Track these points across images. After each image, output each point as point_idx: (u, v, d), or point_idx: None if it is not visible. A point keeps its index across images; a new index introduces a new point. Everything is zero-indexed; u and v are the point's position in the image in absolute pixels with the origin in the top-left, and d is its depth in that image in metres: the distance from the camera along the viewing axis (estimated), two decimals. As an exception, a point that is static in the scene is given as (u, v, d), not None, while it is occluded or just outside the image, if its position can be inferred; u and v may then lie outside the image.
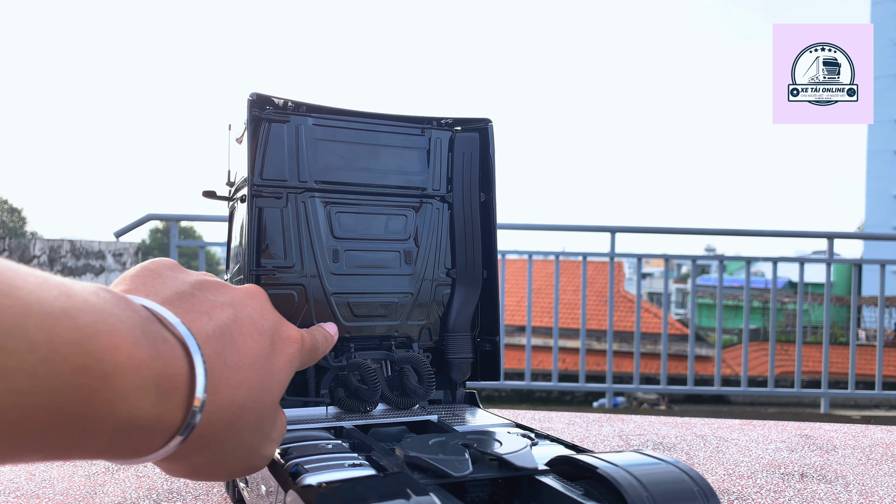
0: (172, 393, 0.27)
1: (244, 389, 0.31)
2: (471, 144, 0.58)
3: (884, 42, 17.69)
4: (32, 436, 0.23)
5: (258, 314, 0.34)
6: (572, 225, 3.44)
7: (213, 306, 0.32)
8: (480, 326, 0.59)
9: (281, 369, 0.34)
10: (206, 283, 0.34)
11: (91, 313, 0.24)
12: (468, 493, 0.35)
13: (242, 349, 0.32)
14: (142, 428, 0.26)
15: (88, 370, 0.24)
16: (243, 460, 0.34)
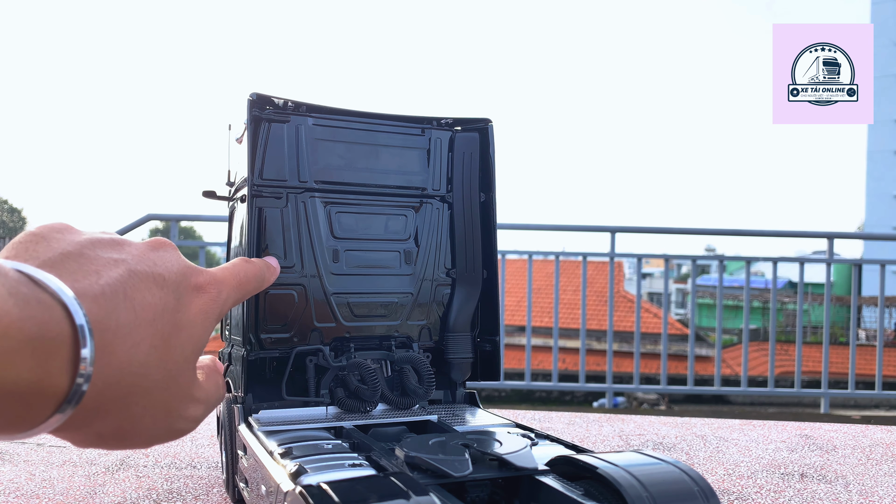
0: (52, 357, 0.25)
1: (144, 348, 0.29)
2: (471, 144, 0.58)
3: (884, 42, 17.68)
4: None
5: (160, 266, 0.32)
6: (572, 225, 3.43)
7: (105, 264, 0.30)
8: (480, 326, 0.59)
9: (192, 322, 0.32)
10: (98, 240, 0.31)
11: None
12: (468, 493, 0.35)
13: (139, 306, 0.30)
14: (20, 395, 0.25)
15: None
16: (161, 424, 0.32)
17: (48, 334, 0.25)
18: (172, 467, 0.64)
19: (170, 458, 0.67)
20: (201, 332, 0.33)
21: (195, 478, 0.61)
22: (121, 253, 0.31)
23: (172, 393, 0.31)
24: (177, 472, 0.63)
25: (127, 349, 0.28)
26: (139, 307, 0.30)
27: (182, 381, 0.32)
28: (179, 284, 0.32)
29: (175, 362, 0.31)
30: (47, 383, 0.25)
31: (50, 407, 0.26)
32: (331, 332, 0.54)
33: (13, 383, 0.24)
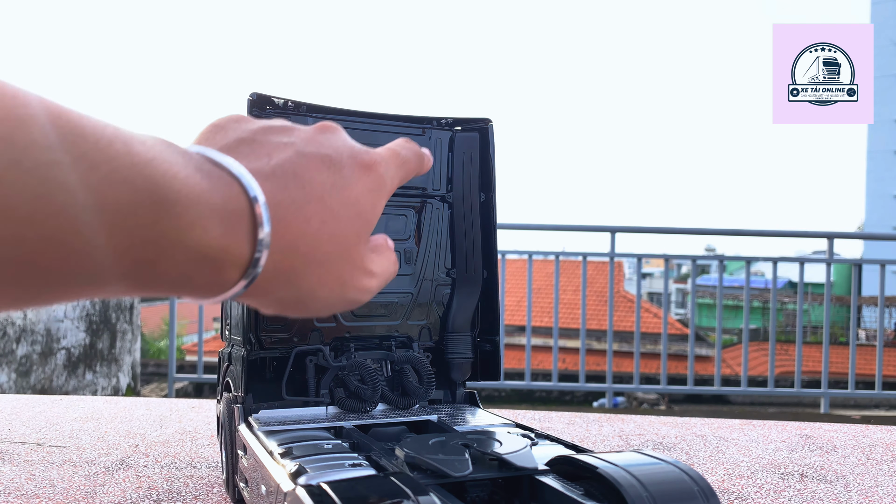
0: (236, 227, 0.28)
1: (315, 223, 0.32)
2: (471, 144, 0.57)
3: (884, 42, 17.67)
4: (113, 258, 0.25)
5: (326, 146, 0.34)
6: (572, 225, 3.44)
7: (276, 147, 0.33)
8: (480, 326, 0.59)
9: (360, 200, 0.34)
10: (269, 127, 0.34)
11: (143, 144, 0.26)
12: (468, 493, 0.35)
13: (308, 183, 0.32)
14: (212, 260, 0.28)
15: (150, 194, 0.25)
16: (336, 294, 0.34)
17: (231, 206, 0.28)
18: (172, 467, 0.64)
19: (170, 458, 0.67)
20: (370, 209, 0.35)
21: (195, 478, 0.61)
22: (290, 137, 0.34)
23: (345, 265, 0.34)
24: (177, 472, 0.63)
25: (299, 223, 0.31)
26: (308, 185, 0.32)
27: (354, 254, 0.34)
28: (346, 164, 0.34)
29: (346, 237, 0.33)
30: (233, 251, 0.28)
31: (237, 273, 0.29)
32: (331, 331, 0.54)
33: (207, 247, 0.27)
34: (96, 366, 3.22)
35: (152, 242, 0.26)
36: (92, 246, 0.24)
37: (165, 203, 0.26)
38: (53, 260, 0.23)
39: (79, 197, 0.23)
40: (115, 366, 3.39)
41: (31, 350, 2.74)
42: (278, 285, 0.31)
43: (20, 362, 2.68)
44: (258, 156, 0.32)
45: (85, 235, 0.23)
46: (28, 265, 0.23)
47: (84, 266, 0.24)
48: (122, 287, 0.27)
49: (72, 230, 0.23)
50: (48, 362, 2.85)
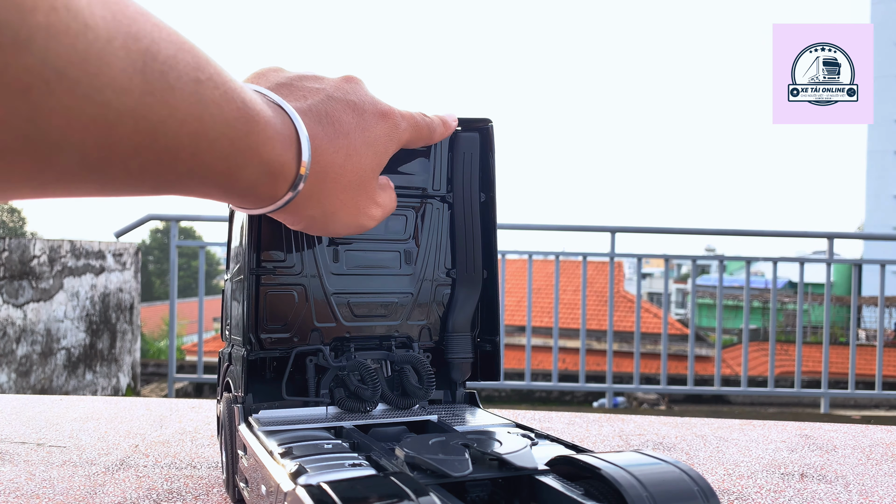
0: (290, 149, 0.34)
1: (341, 155, 0.37)
2: (471, 144, 0.57)
3: (884, 42, 17.69)
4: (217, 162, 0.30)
5: (352, 94, 0.39)
6: (572, 225, 3.44)
7: (309, 91, 0.38)
8: (480, 326, 0.59)
9: (376, 141, 0.40)
10: (303, 75, 0.40)
11: (231, 75, 0.31)
12: (468, 493, 0.35)
13: (336, 122, 0.37)
14: (273, 174, 0.33)
15: (245, 113, 0.30)
16: (352, 216, 0.40)
17: (286, 132, 0.34)
18: (172, 467, 0.64)
19: (170, 458, 0.67)
20: (384, 150, 0.40)
21: (195, 478, 0.61)
22: (321, 84, 0.39)
23: (361, 194, 0.40)
24: (177, 472, 0.63)
25: (329, 154, 0.37)
26: (337, 123, 0.37)
27: (368, 186, 0.40)
28: (367, 111, 0.40)
29: (363, 169, 0.39)
30: (287, 168, 0.34)
31: (285, 187, 0.35)
32: (331, 332, 0.54)
33: (272, 162, 0.33)
34: (96, 366, 3.22)
35: (241, 152, 0.31)
36: (211, 147, 0.29)
37: (255, 122, 0.31)
38: (186, 155, 0.28)
39: (211, 108, 0.28)
40: (115, 366, 3.38)
41: (31, 350, 2.74)
42: (310, 204, 0.37)
43: (20, 362, 2.68)
44: (296, 97, 0.37)
45: (210, 137, 0.28)
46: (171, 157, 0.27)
47: (201, 161, 0.29)
48: (212, 188, 0.31)
49: (204, 133, 0.28)
50: (48, 362, 2.85)
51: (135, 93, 0.24)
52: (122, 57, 0.24)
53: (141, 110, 0.25)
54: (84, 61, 0.22)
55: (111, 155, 0.25)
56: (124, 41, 0.24)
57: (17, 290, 2.64)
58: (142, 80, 0.25)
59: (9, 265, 2.59)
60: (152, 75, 0.25)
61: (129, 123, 0.25)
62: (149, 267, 28.29)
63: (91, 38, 0.22)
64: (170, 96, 0.26)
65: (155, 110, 0.25)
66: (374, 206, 0.42)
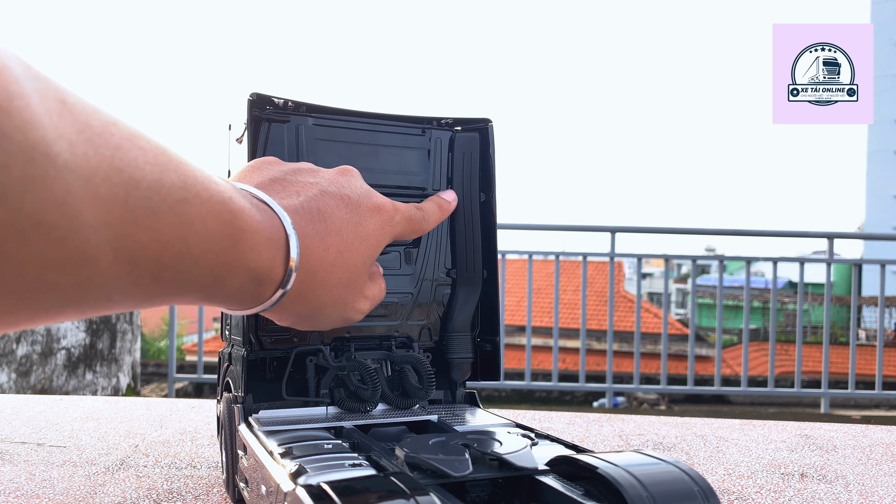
0: (278, 252, 0.34)
1: (332, 252, 0.37)
2: (471, 144, 0.57)
3: (884, 42, 17.68)
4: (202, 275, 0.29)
5: (346, 188, 0.40)
6: (572, 225, 3.44)
7: (304, 186, 0.38)
8: (480, 326, 0.58)
9: (370, 235, 0.40)
10: (299, 169, 0.40)
11: (220, 184, 0.30)
12: (468, 493, 0.35)
13: (329, 219, 0.37)
14: (259, 279, 0.33)
15: (232, 225, 0.30)
16: (340, 312, 0.40)
17: (275, 235, 0.33)
18: (172, 467, 0.64)
19: (170, 458, 0.67)
20: (376, 244, 0.40)
21: (195, 478, 0.61)
22: (315, 178, 0.39)
23: (350, 290, 0.39)
24: (177, 472, 0.63)
25: (319, 252, 0.36)
26: (329, 220, 0.37)
27: (358, 281, 0.40)
28: (361, 204, 0.40)
29: (355, 266, 0.39)
30: (274, 272, 0.34)
31: (272, 290, 0.34)
32: (330, 332, 0.53)
33: (259, 268, 0.33)
34: (96, 366, 3.22)
35: (226, 264, 0.30)
36: (195, 264, 0.29)
37: (241, 231, 0.31)
38: (169, 275, 0.28)
39: (196, 226, 0.28)
40: (115, 366, 3.38)
41: (31, 350, 2.73)
42: (297, 302, 0.36)
43: (20, 362, 2.68)
44: (289, 193, 0.37)
45: (194, 254, 0.28)
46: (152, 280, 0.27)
47: (185, 279, 0.29)
48: (196, 298, 0.31)
49: (188, 252, 0.28)
50: (48, 362, 2.85)
51: (115, 225, 0.24)
52: (102, 192, 0.23)
53: (122, 241, 0.25)
54: (62, 205, 0.22)
55: (88, 287, 0.24)
56: (106, 174, 0.23)
57: (17, 290, 2.63)
58: (123, 210, 0.24)
59: (9, 265, 2.58)
60: (135, 203, 0.25)
61: (108, 256, 0.24)
62: (149, 267, 28.19)
63: (70, 180, 0.22)
64: (153, 221, 0.26)
65: (136, 238, 0.25)
66: (362, 299, 0.41)
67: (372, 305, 0.43)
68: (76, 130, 0.23)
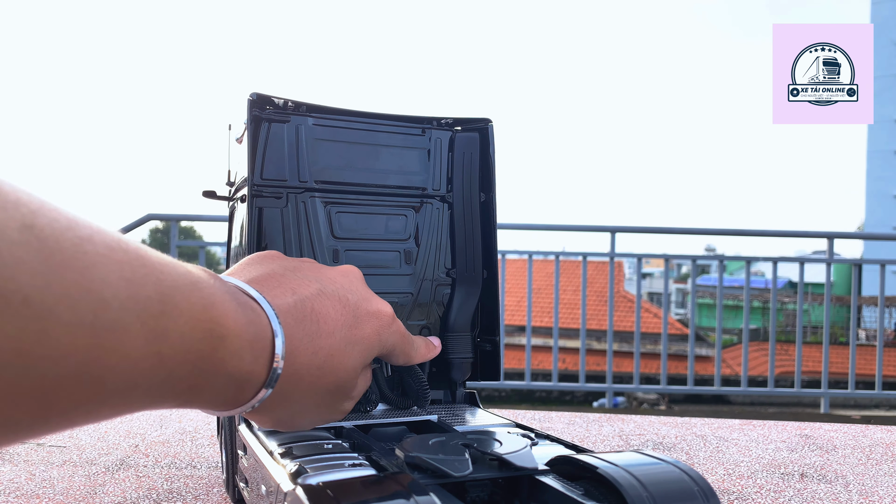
0: (261, 354, 0.32)
1: (322, 355, 0.35)
2: (471, 144, 0.57)
3: (884, 42, 17.68)
4: (177, 384, 0.28)
5: (345, 290, 0.38)
6: (572, 225, 3.44)
7: (300, 284, 0.36)
8: (480, 326, 0.58)
9: (365, 339, 0.38)
10: (299, 266, 0.39)
11: (206, 287, 0.30)
12: (468, 493, 0.35)
13: (323, 320, 0.36)
14: (240, 382, 0.32)
15: (212, 332, 0.29)
16: (322, 414, 0.38)
17: (260, 336, 0.32)
18: (172, 467, 0.64)
19: (170, 458, 0.67)
20: (369, 349, 0.38)
21: (195, 478, 0.61)
22: (315, 275, 0.38)
23: (337, 394, 0.37)
24: (177, 472, 0.63)
25: (307, 356, 0.34)
26: (322, 321, 0.36)
27: (348, 385, 0.37)
28: (359, 307, 0.38)
29: (345, 370, 0.37)
30: (256, 374, 0.32)
31: (253, 391, 0.33)
32: None
33: (240, 372, 0.31)
34: (96, 366, 3.21)
35: (204, 371, 0.29)
36: (170, 375, 0.28)
37: (222, 339, 0.30)
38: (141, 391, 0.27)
39: (173, 339, 0.27)
40: (115, 366, 3.38)
41: (31, 350, 2.73)
42: (279, 405, 0.35)
43: (20, 362, 2.67)
44: (283, 291, 0.35)
45: (169, 367, 0.27)
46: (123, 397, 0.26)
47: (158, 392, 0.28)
48: (171, 405, 0.30)
49: (162, 365, 0.27)
50: (48, 362, 2.84)
51: (79, 353, 0.23)
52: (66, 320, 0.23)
53: (88, 367, 0.24)
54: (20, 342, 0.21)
55: (47, 414, 0.24)
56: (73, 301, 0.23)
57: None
58: (90, 335, 0.23)
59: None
60: (102, 325, 0.24)
61: (69, 386, 0.23)
62: (149, 267, 28.18)
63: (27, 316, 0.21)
64: (123, 342, 0.25)
65: (104, 361, 0.24)
66: (347, 401, 0.39)
67: (354, 403, 0.41)
68: (41, 259, 0.22)
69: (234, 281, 0.34)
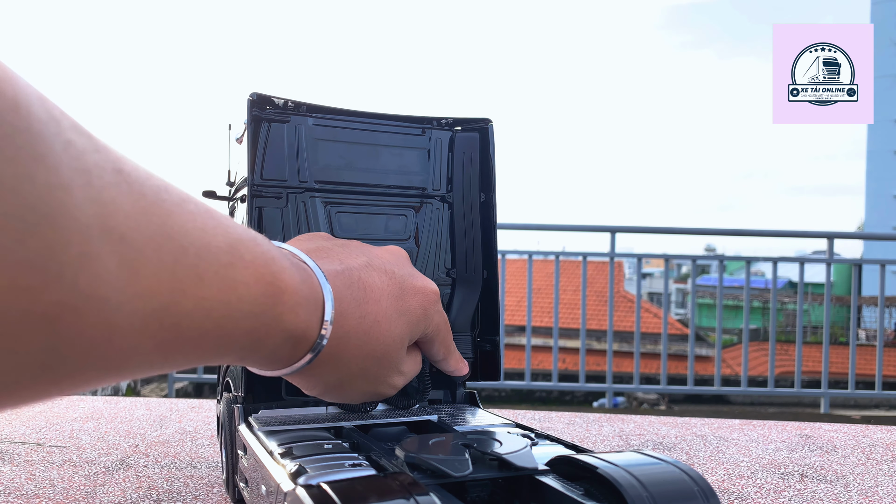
0: (314, 313, 0.33)
1: (368, 321, 0.37)
2: (471, 144, 0.57)
3: (884, 42, 17.68)
4: (241, 337, 0.29)
5: (391, 263, 0.40)
6: (572, 225, 3.44)
7: (348, 256, 0.38)
8: (480, 326, 0.58)
9: (410, 311, 0.39)
10: (348, 243, 0.40)
11: (265, 243, 0.31)
12: (468, 493, 0.35)
13: (368, 288, 0.37)
14: (295, 339, 0.33)
15: (272, 286, 0.30)
16: (371, 384, 0.39)
17: (312, 295, 0.33)
18: (172, 467, 0.64)
19: (170, 458, 0.67)
20: (416, 321, 0.40)
21: (195, 478, 0.61)
22: (362, 252, 0.40)
23: (384, 363, 0.38)
24: (177, 472, 0.63)
25: (355, 319, 0.36)
26: (368, 290, 0.37)
27: (393, 355, 0.39)
28: (405, 281, 0.39)
29: (392, 338, 0.38)
30: (310, 332, 0.33)
31: (304, 350, 0.34)
32: None
33: (295, 328, 0.32)
34: (96, 366, 3.21)
35: (265, 325, 0.30)
36: (235, 326, 0.29)
37: (281, 292, 0.31)
38: (210, 339, 0.28)
39: (240, 290, 0.28)
40: (115, 366, 3.38)
41: (31, 350, 2.73)
42: (327, 370, 0.36)
43: (20, 362, 2.67)
44: (332, 261, 0.37)
45: (235, 318, 0.28)
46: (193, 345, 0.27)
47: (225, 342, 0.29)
48: (232, 360, 0.31)
49: (230, 315, 0.28)
50: (48, 362, 2.84)
51: (163, 295, 0.24)
52: (153, 262, 0.23)
53: (168, 309, 0.25)
54: (115, 278, 0.22)
55: (130, 357, 0.24)
56: (157, 244, 0.24)
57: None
58: (171, 278, 0.24)
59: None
60: (182, 271, 0.25)
61: (153, 326, 0.24)
62: (149, 267, 28.31)
63: (123, 252, 0.22)
64: (199, 288, 0.26)
65: (181, 307, 0.25)
66: (397, 375, 0.40)
67: (407, 381, 0.42)
68: (131, 201, 0.23)
69: (286, 246, 0.36)
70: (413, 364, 0.42)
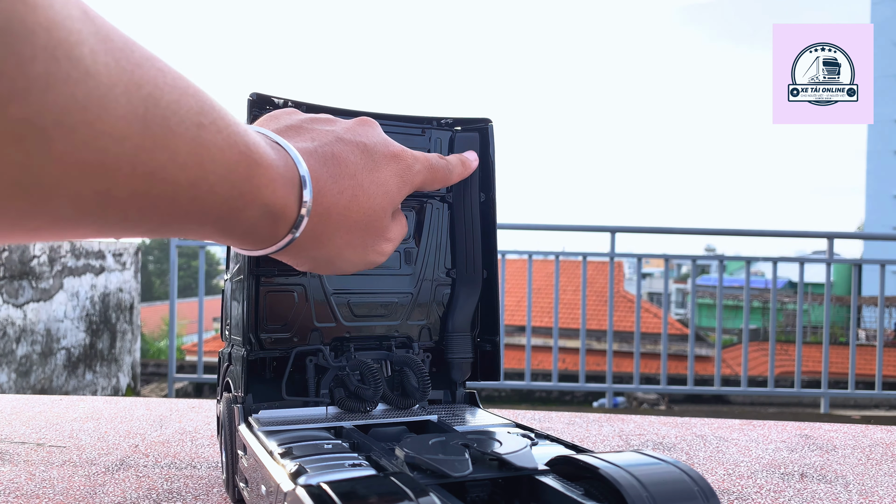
0: (292, 191, 0.34)
1: (346, 195, 0.37)
2: (471, 144, 0.57)
3: (884, 42, 17.68)
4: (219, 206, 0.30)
5: (363, 136, 0.40)
6: (572, 225, 3.44)
7: (319, 133, 0.38)
8: (480, 326, 0.58)
9: (386, 181, 0.40)
10: (316, 118, 0.40)
11: (235, 118, 0.31)
12: (468, 493, 0.35)
13: (343, 163, 0.38)
14: (273, 216, 0.33)
15: (247, 157, 0.30)
16: (359, 255, 0.40)
17: (288, 174, 0.34)
18: (172, 467, 0.64)
19: (170, 458, 0.67)
20: (395, 189, 0.40)
21: (195, 478, 0.61)
22: (332, 126, 0.40)
23: (369, 232, 0.39)
24: (177, 472, 0.63)
25: (333, 195, 0.36)
26: (343, 164, 0.38)
27: (377, 224, 0.40)
28: (378, 151, 0.40)
29: (372, 209, 0.39)
30: (287, 210, 0.34)
31: (286, 228, 0.35)
32: (331, 331, 0.54)
33: (273, 204, 0.33)
34: (96, 366, 3.21)
35: (241, 195, 0.30)
36: (211, 191, 0.29)
37: (256, 165, 0.31)
38: (185, 199, 0.28)
39: (213, 153, 0.28)
40: (115, 366, 3.38)
41: (31, 350, 2.73)
42: (312, 245, 0.37)
43: (20, 362, 2.68)
44: (304, 139, 0.37)
45: (210, 181, 0.28)
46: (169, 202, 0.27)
47: (201, 206, 0.29)
48: (211, 230, 0.31)
49: (204, 178, 0.28)
50: (48, 362, 2.85)
51: (134, 139, 0.24)
52: (122, 104, 0.23)
53: (140, 156, 0.25)
54: (83, 109, 0.22)
55: (107, 200, 0.25)
56: (126, 87, 0.24)
57: (17, 290, 2.63)
58: (142, 126, 0.24)
59: (9, 265, 2.59)
60: (153, 121, 0.25)
61: (126, 169, 0.24)
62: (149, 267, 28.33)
63: (91, 86, 0.22)
64: (170, 141, 0.26)
65: (154, 156, 0.25)
66: (384, 241, 0.41)
67: (395, 246, 0.43)
68: (98, 40, 0.23)
69: (257, 128, 0.35)
70: (399, 229, 0.43)
